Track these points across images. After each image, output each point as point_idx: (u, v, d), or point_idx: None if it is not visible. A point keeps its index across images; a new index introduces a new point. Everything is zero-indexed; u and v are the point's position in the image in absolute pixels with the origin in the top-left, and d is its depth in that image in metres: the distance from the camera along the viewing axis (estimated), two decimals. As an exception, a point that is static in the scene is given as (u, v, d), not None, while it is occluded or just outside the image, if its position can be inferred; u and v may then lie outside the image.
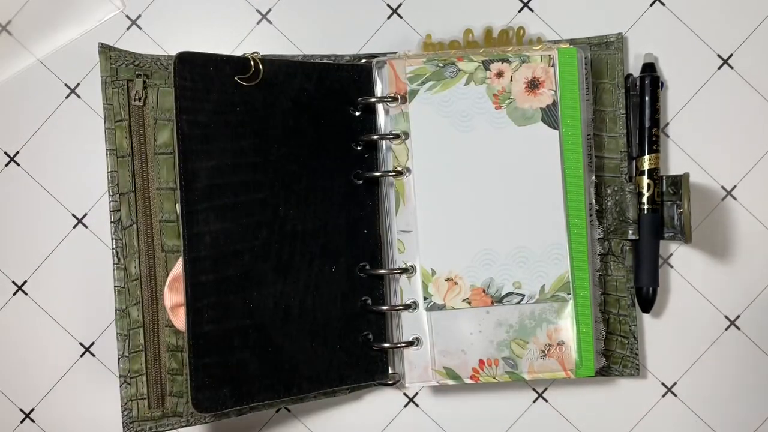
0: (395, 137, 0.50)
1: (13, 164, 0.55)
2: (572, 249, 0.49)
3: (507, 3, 0.55)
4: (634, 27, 0.55)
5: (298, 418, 0.55)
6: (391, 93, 0.50)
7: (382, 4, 0.55)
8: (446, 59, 0.49)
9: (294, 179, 0.49)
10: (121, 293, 0.50)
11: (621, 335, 0.53)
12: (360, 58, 0.53)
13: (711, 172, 0.55)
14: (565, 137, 0.49)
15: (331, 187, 0.50)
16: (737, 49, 0.55)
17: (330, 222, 0.50)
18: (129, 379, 0.50)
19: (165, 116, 0.50)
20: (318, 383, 0.49)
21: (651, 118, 0.52)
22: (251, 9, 0.55)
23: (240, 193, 0.47)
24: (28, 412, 0.55)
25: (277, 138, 0.48)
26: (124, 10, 0.55)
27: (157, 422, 0.50)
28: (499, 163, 0.49)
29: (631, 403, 0.55)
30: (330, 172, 0.50)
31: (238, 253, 0.47)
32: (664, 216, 0.52)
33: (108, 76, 0.50)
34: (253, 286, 0.47)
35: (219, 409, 0.46)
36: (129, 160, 0.50)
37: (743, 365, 0.55)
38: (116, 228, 0.50)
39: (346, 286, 0.50)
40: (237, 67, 0.47)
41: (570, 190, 0.49)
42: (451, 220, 0.49)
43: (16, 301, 0.55)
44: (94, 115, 0.55)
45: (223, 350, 0.46)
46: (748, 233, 0.55)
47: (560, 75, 0.49)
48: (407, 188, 0.50)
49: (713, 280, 0.55)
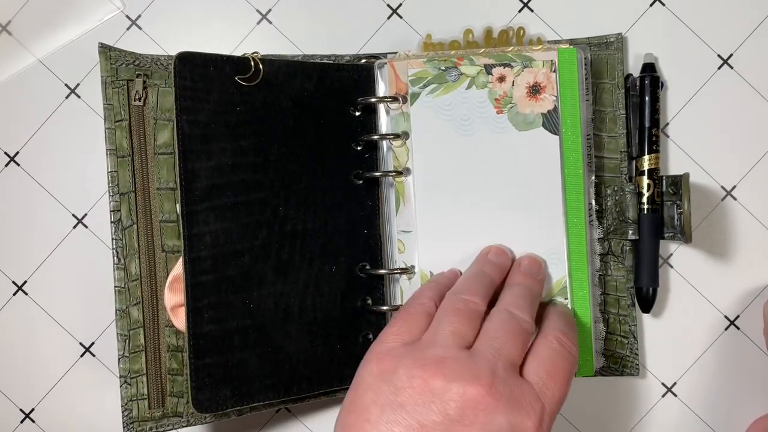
0: (395, 137, 0.50)
1: (13, 164, 0.55)
2: (571, 249, 0.49)
3: (507, 3, 0.55)
4: (634, 27, 0.55)
5: (298, 418, 0.55)
6: (391, 93, 0.50)
7: (382, 4, 0.55)
8: (447, 59, 0.49)
9: (294, 179, 0.49)
10: (121, 293, 0.50)
11: (621, 335, 0.53)
12: (360, 58, 0.53)
13: (711, 172, 0.55)
14: (564, 138, 0.49)
15: (331, 187, 0.50)
16: (737, 49, 0.55)
17: (330, 222, 0.50)
18: (129, 379, 0.50)
19: (165, 116, 0.50)
20: (318, 383, 0.49)
21: (651, 118, 0.52)
22: (251, 9, 0.55)
23: (240, 193, 0.47)
24: (28, 412, 0.55)
25: (277, 138, 0.48)
26: (124, 10, 0.55)
27: (158, 422, 0.50)
28: (499, 166, 0.49)
29: (631, 403, 0.55)
30: (330, 172, 0.50)
31: (238, 253, 0.47)
32: (664, 216, 0.52)
33: (108, 76, 0.50)
34: (253, 286, 0.47)
35: (219, 409, 0.46)
36: (129, 160, 0.50)
37: (743, 365, 0.55)
38: (116, 228, 0.50)
39: (346, 286, 0.50)
40: (237, 67, 0.47)
41: (569, 190, 0.49)
42: (450, 221, 0.49)
43: (16, 301, 0.55)
44: (94, 115, 0.55)
45: (223, 350, 0.46)
46: (747, 233, 0.55)
47: (560, 75, 0.49)
48: (407, 189, 0.50)
49: (713, 280, 0.55)
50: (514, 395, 0.39)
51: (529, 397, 0.39)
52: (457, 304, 0.43)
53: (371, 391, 0.40)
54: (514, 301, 0.44)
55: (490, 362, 0.39)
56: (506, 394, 0.38)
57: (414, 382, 0.39)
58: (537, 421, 0.39)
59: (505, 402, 0.38)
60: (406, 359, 0.40)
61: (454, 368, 0.39)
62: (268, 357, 0.48)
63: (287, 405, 0.55)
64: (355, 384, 0.41)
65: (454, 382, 0.38)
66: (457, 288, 0.45)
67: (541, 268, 0.47)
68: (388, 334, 0.43)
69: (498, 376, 0.39)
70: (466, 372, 0.39)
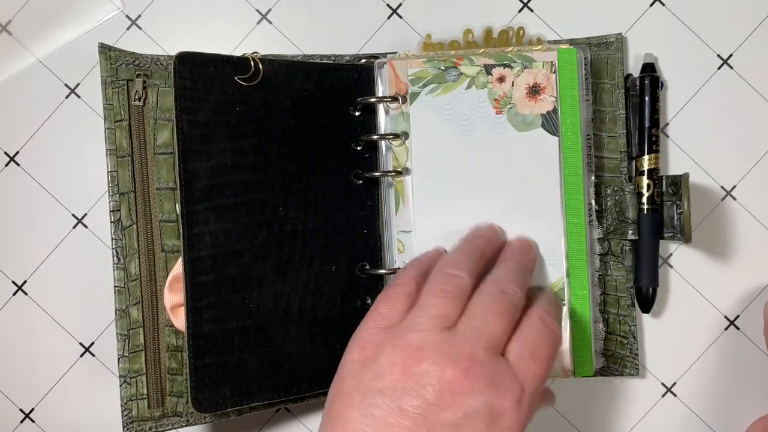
0: (395, 137, 0.50)
1: (13, 164, 0.55)
2: (571, 249, 0.49)
3: (507, 3, 0.55)
4: (634, 27, 0.55)
5: (298, 418, 0.55)
6: (391, 93, 0.50)
7: (382, 4, 0.55)
8: (446, 59, 0.49)
9: (294, 179, 0.49)
10: (121, 293, 0.50)
11: (621, 335, 0.53)
12: (360, 58, 0.53)
13: (711, 172, 0.55)
14: (564, 138, 0.49)
15: (331, 187, 0.50)
16: (737, 49, 0.55)
17: (330, 222, 0.50)
18: (129, 378, 0.50)
19: (165, 116, 0.50)
20: (318, 383, 0.49)
21: (651, 118, 0.52)
22: (251, 9, 0.55)
23: (240, 193, 0.47)
24: (28, 412, 0.55)
25: (276, 138, 0.48)
26: (124, 10, 0.55)
27: (157, 422, 0.50)
28: (498, 167, 0.49)
29: (631, 403, 0.55)
30: (330, 172, 0.50)
31: (238, 253, 0.47)
32: (664, 216, 0.52)
33: (108, 76, 0.50)
34: (253, 286, 0.47)
35: (219, 409, 0.46)
36: (129, 160, 0.50)
37: (743, 365, 0.55)
38: (116, 228, 0.50)
39: (346, 286, 0.50)
40: (237, 67, 0.47)
41: (569, 190, 0.49)
42: (449, 222, 0.49)
43: (16, 301, 0.55)
44: (94, 115, 0.55)
45: (222, 350, 0.46)
46: (747, 233, 0.55)
47: (559, 75, 0.49)
48: (407, 189, 0.50)
49: (713, 280, 0.55)
50: (493, 377, 0.39)
51: (507, 378, 0.39)
52: (443, 282, 0.43)
53: (353, 378, 0.41)
54: (506, 275, 0.44)
55: (470, 343, 0.40)
56: (484, 376, 0.39)
57: (394, 369, 0.39)
58: (514, 402, 0.39)
59: (482, 384, 0.38)
60: (387, 345, 0.40)
61: (432, 352, 0.39)
62: (267, 357, 0.48)
63: (287, 405, 0.55)
64: (339, 371, 0.42)
65: (432, 366, 0.39)
66: (444, 261, 0.45)
67: (533, 248, 0.48)
68: (369, 319, 0.43)
69: (476, 359, 0.39)
70: (445, 355, 0.39)
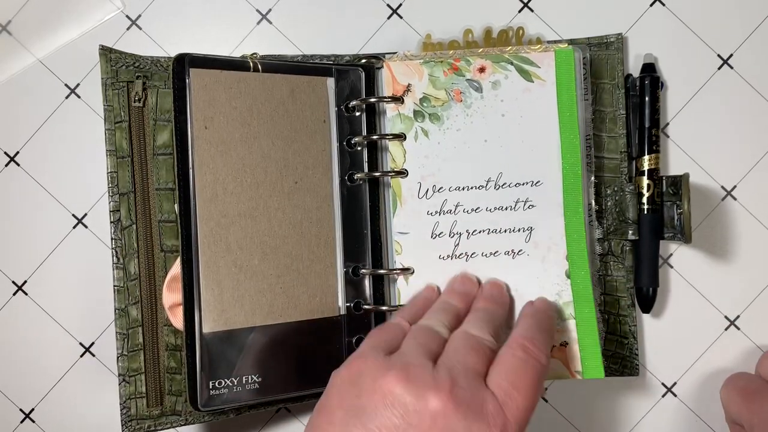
0: (393, 138, 0.50)
1: (13, 164, 0.55)
2: (571, 250, 0.49)
3: (507, 3, 0.55)
4: (634, 27, 0.55)
5: (298, 418, 0.55)
6: (388, 94, 0.50)
7: (382, 4, 0.55)
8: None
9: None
10: (121, 293, 0.50)
11: (621, 335, 0.53)
12: (360, 58, 0.53)
13: (711, 172, 0.55)
14: (563, 138, 0.49)
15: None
16: (737, 49, 0.55)
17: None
18: (128, 377, 0.50)
19: (164, 117, 0.51)
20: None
21: (651, 118, 0.52)
22: (251, 9, 0.55)
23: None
24: (28, 412, 0.55)
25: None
26: (124, 10, 0.55)
27: (156, 420, 0.50)
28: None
29: (631, 403, 0.55)
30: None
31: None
32: (664, 216, 0.52)
33: (108, 78, 0.50)
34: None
35: (217, 408, 0.46)
36: (128, 161, 0.50)
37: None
38: (116, 228, 0.50)
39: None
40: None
41: (568, 190, 0.49)
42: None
43: (16, 301, 0.55)
44: (94, 115, 0.55)
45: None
46: (747, 233, 0.55)
47: (557, 75, 0.49)
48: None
49: (713, 280, 0.55)
50: (475, 403, 0.39)
51: (490, 407, 0.39)
52: (422, 329, 0.44)
53: (337, 394, 0.41)
54: (474, 324, 0.44)
55: (453, 371, 0.40)
56: (466, 401, 0.39)
57: (376, 386, 0.39)
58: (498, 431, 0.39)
59: (464, 409, 0.38)
60: (372, 365, 0.41)
61: (416, 375, 0.39)
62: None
63: (287, 405, 0.55)
64: (326, 388, 0.42)
65: (416, 388, 0.39)
66: (423, 320, 0.46)
67: (502, 290, 0.48)
68: (362, 345, 0.44)
69: (459, 384, 0.39)
70: (429, 378, 0.39)
